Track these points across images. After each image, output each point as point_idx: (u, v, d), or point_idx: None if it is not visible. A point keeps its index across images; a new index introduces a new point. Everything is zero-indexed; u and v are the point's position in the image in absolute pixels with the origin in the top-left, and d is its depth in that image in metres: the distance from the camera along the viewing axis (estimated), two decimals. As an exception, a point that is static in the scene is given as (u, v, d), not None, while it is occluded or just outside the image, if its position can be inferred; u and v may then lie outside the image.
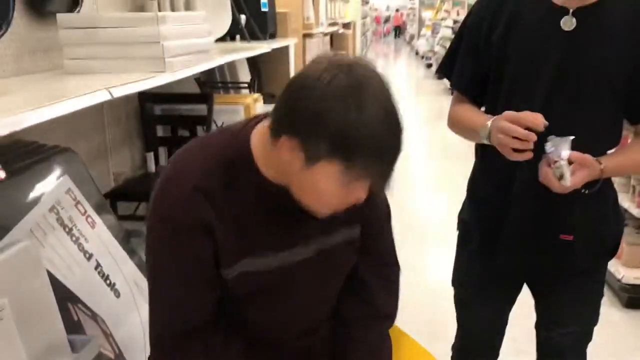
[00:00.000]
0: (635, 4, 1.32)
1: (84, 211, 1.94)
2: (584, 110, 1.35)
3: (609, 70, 1.32)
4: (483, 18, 1.44)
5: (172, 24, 1.96)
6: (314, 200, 1.02)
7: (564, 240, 1.42)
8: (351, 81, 0.92)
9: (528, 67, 1.37)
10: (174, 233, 1.06)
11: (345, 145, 0.91)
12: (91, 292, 1.81)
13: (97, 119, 2.60)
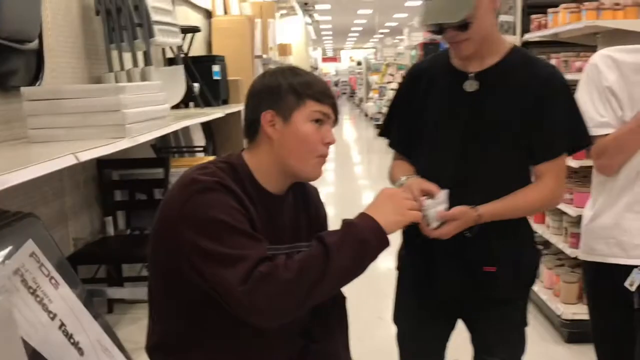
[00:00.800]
0: (528, 67, 1.58)
1: (48, 273, 2.01)
2: (494, 159, 1.58)
3: (509, 124, 1.56)
4: (409, 89, 1.69)
5: (130, 94, 2.11)
6: (301, 148, 1.32)
7: (487, 271, 1.60)
8: (279, 67, 1.40)
9: (442, 125, 1.61)
10: (216, 192, 1.23)
11: (305, 90, 1.31)
12: (55, 350, 1.86)
13: (56, 186, 2.68)
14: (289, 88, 1.32)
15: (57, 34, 2.70)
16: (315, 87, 1.33)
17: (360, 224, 1.25)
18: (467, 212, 1.51)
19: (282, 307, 1.17)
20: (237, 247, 1.18)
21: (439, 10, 1.47)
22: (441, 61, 1.64)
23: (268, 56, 6.80)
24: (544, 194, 1.59)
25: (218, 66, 4.38)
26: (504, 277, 1.62)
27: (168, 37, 3.21)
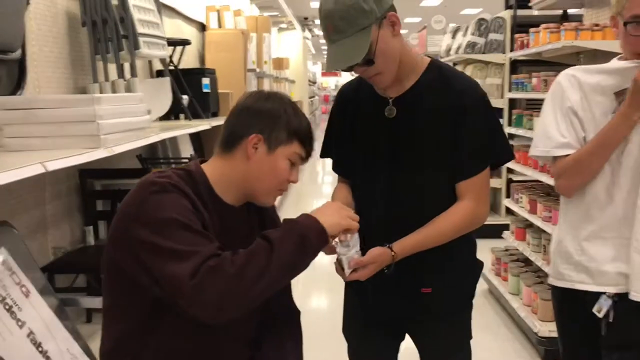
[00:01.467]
0: (444, 84, 1.57)
1: (19, 281, 2.02)
2: (418, 184, 1.58)
3: (427, 147, 1.57)
4: (340, 114, 1.70)
5: (107, 105, 2.14)
6: (271, 179, 1.39)
7: (424, 293, 1.62)
8: (283, 97, 1.43)
9: (369, 150, 1.62)
10: (171, 193, 1.26)
11: (298, 132, 1.38)
12: (23, 359, 1.87)
13: (37, 195, 2.70)
14: (286, 124, 1.38)
15: (42, 44, 2.73)
16: (306, 132, 1.41)
17: (302, 222, 1.31)
18: (382, 254, 1.50)
19: (229, 301, 1.19)
20: (188, 244, 1.21)
21: (338, 56, 1.46)
22: (366, 87, 1.62)
23: (262, 70, 6.84)
24: (462, 217, 1.56)
25: (208, 79, 4.41)
26: (440, 296, 1.63)
27: (154, 49, 3.25)
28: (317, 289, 4.32)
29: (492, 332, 3.45)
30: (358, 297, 1.72)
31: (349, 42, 1.44)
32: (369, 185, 1.63)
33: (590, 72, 1.68)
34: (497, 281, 3.79)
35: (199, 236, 1.24)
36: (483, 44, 5.21)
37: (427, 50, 7.98)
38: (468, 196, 1.56)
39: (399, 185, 1.59)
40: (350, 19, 1.43)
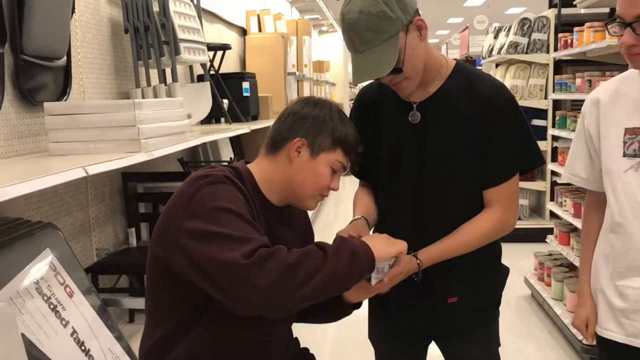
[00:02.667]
0: (470, 88, 1.50)
1: (63, 281, 2.08)
2: (442, 187, 1.53)
3: (453, 153, 1.51)
4: (359, 119, 1.63)
5: (147, 109, 2.18)
6: (312, 184, 1.40)
7: (451, 302, 1.58)
8: (332, 105, 1.44)
9: (393, 155, 1.57)
10: (223, 185, 1.28)
11: (342, 140, 1.40)
12: (66, 357, 1.92)
13: (81, 198, 2.78)
14: (331, 131, 1.39)
15: (86, 51, 2.82)
16: (350, 141, 1.42)
17: (354, 240, 1.32)
18: (409, 263, 1.46)
19: (280, 291, 1.17)
20: (242, 231, 1.22)
21: (367, 69, 1.41)
22: (388, 91, 1.56)
23: (302, 73, 6.88)
24: (490, 225, 1.52)
25: (248, 83, 4.47)
26: (467, 305, 1.60)
27: (195, 54, 3.30)
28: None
29: (534, 339, 3.37)
30: (384, 303, 1.67)
31: (376, 52, 1.39)
32: (392, 191, 1.59)
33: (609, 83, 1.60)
34: (539, 286, 3.69)
35: (252, 226, 1.25)
36: (526, 44, 5.10)
37: (469, 50, 7.87)
38: (497, 203, 1.52)
39: (423, 191, 1.54)
40: (376, 28, 1.37)
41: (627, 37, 1.38)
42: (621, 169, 1.50)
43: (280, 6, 8.37)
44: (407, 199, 1.56)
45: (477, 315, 1.63)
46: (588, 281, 1.65)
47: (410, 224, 1.54)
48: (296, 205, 1.46)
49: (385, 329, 1.73)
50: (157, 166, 3.27)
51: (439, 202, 1.53)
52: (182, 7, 3.25)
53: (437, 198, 1.53)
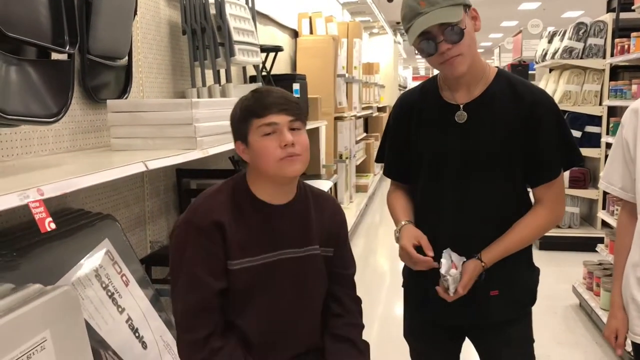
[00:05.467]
0: (513, 92, 1.58)
1: (120, 270, 2.19)
2: (489, 188, 1.59)
3: (498, 150, 1.57)
4: (400, 120, 1.72)
5: (204, 109, 2.27)
6: (268, 159, 1.45)
7: (492, 296, 1.63)
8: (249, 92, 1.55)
9: (437, 155, 1.62)
10: (194, 232, 1.47)
11: (247, 112, 1.49)
12: (121, 342, 2.02)
13: (137, 192, 2.90)
14: (238, 117, 1.52)
15: (146, 51, 2.94)
16: (255, 104, 1.48)
17: None
18: (476, 267, 1.57)
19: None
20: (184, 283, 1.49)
21: (431, 18, 1.46)
22: (431, 93, 1.66)
23: (351, 75, 6.92)
24: (543, 221, 1.63)
25: (298, 84, 4.54)
26: (507, 299, 1.65)
27: (249, 56, 3.39)
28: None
29: (582, 348, 3.31)
30: (421, 297, 1.73)
31: (442, 12, 1.46)
32: (436, 190, 1.64)
33: None
34: (588, 295, 3.63)
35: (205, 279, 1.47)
36: (581, 49, 5.00)
37: (522, 54, 7.76)
38: (547, 199, 1.62)
39: (467, 190, 1.60)
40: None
41: None
42: None
43: (332, 8, 8.43)
44: (451, 198, 1.61)
45: (516, 308, 1.68)
46: (620, 293, 1.65)
47: (454, 222, 1.59)
48: (283, 181, 1.50)
49: (423, 325, 1.79)
50: (209, 163, 3.37)
51: (481, 201, 1.60)
52: (237, 10, 3.34)
53: (480, 197, 1.60)
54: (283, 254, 1.52)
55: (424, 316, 1.76)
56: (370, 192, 8.24)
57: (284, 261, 1.52)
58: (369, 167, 8.96)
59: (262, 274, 1.50)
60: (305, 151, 1.48)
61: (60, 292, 1.46)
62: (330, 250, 1.61)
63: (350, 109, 7.00)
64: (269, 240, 1.50)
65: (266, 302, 1.51)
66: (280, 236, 1.52)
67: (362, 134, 8.94)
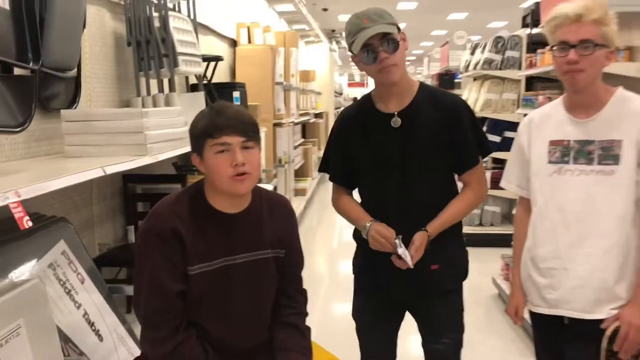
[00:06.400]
0: (435, 100, 1.93)
1: (75, 269, 2.34)
2: (426, 178, 1.92)
3: (430, 148, 1.91)
4: (342, 133, 2.02)
5: (153, 117, 2.46)
6: (220, 176, 1.60)
7: (433, 269, 1.93)
8: (210, 106, 1.68)
9: (380, 157, 1.93)
10: (155, 240, 1.61)
11: (202, 132, 1.61)
12: (79, 334, 2.18)
13: (86, 196, 3.03)
14: (195, 133, 1.65)
15: (93, 62, 3.08)
16: (209, 124, 1.60)
17: None
18: (423, 237, 1.88)
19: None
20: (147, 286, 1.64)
21: (374, 30, 1.77)
22: (367, 106, 1.97)
23: (289, 83, 7.16)
24: (472, 199, 1.99)
25: (238, 92, 4.73)
26: (445, 272, 1.96)
27: (191, 66, 3.58)
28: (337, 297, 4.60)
29: (499, 333, 3.67)
30: (370, 279, 2.03)
31: (381, 26, 1.78)
32: (381, 187, 1.94)
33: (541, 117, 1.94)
34: (505, 286, 4.01)
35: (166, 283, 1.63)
36: (500, 61, 5.44)
37: (448, 64, 8.22)
38: (473, 181, 1.99)
39: (407, 185, 1.91)
40: (383, 14, 1.81)
41: (573, 55, 1.70)
42: (547, 172, 1.84)
43: (270, 17, 8.66)
44: (395, 193, 1.91)
45: (452, 280, 2.01)
46: (519, 277, 1.98)
47: (400, 213, 1.90)
48: (233, 196, 1.67)
49: (370, 303, 2.08)
50: (154, 169, 3.53)
51: (419, 192, 1.92)
52: (180, 23, 3.52)
53: (418, 188, 1.91)
54: (237, 258, 1.69)
55: (375, 295, 2.05)
56: (309, 195, 8.51)
57: (238, 265, 1.69)
58: (308, 171, 9.23)
59: (218, 277, 1.66)
60: (256, 169, 1.63)
61: (31, 285, 1.62)
62: (282, 251, 1.78)
63: (289, 116, 7.24)
64: (224, 247, 1.67)
65: (222, 303, 1.69)
66: (235, 242, 1.68)
67: (300, 139, 9.19)
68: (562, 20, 1.72)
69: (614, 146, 1.74)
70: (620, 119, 1.75)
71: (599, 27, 1.68)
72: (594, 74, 1.72)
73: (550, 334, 1.93)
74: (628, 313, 1.73)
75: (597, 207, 1.75)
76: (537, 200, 1.88)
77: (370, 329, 2.10)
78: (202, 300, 1.66)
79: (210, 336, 1.68)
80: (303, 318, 1.86)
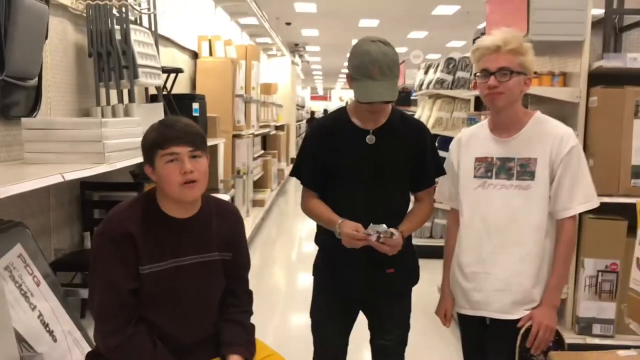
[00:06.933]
0: (405, 123, 2.11)
1: (31, 272, 2.42)
2: (390, 190, 2.11)
3: (398, 166, 2.09)
4: (317, 143, 2.16)
5: (112, 127, 2.56)
6: (170, 185, 1.73)
7: (389, 273, 2.11)
8: (156, 122, 1.81)
9: (352, 169, 2.10)
10: (108, 241, 1.74)
11: (151, 144, 1.75)
12: (34, 335, 2.26)
13: (43, 202, 3.10)
14: (146, 145, 1.78)
15: (54, 72, 3.16)
16: (159, 137, 1.74)
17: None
18: (400, 236, 2.06)
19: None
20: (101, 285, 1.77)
21: (384, 93, 1.93)
22: (343, 119, 2.13)
23: (250, 95, 7.30)
24: (427, 212, 2.20)
25: (198, 103, 4.84)
26: (400, 276, 2.15)
27: (151, 78, 3.68)
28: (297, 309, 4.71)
29: (440, 335, 3.86)
30: (329, 279, 2.20)
31: (389, 84, 1.94)
32: (350, 196, 2.10)
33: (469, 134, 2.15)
34: (450, 295, 4.21)
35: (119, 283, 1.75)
36: (451, 81, 5.70)
37: (405, 82, 8.49)
38: (427, 198, 2.20)
39: (375, 195, 2.09)
40: (394, 68, 1.94)
41: (492, 80, 1.92)
42: (473, 186, 2.03)
43: (232, 30, 8.79)
44: (363, 201, 2.08)
45: (406, 284, 2.20)
46: (448, 283, 2.17)
47: (366, 217, 2.04)
48: (183, 202, 1.80)
49: (328, 302, 2.24)
50: (111, 177, 3.61)
51: (386, 201, 2.09)
52: (141, 36, 3.63)
53: (385, 198, 2.09)
54: (187, 260, 1.83)
55: (333, 295, 2.20)
56: (267, 206, 8.62)
57: (187, 266, 1.83)
58: (267, 182, 9.34)
59: (169, 277, 1.80)
60: (203, 176, 1.77)
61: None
62: (229, 254, 1.93)
63: (249, 127, 7.36)
64: (174, 249, 1.81)
65: (172, 300, 1.82)
66: (184, 245, 1.83)
67: (260, 151, 9.31)
68: (483, 51, 1.93)
69: (530, 163, 1.95)
70: (536, 139, 1.96)
71: (515, 56, 1.89)
72: (513, 97, 1.93)
73: (475, 334, 2.11)
74: (539, 314, 1.93)
75: (515, 218, 1.95)
76: (464, 211, 2.07)
77: (325, 325, 2.26)
78: (153, 297, 1.78)
79: (160, 330, 1.80)
80: (248, 316, 2.00)
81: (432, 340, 3.82)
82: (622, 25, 3.49)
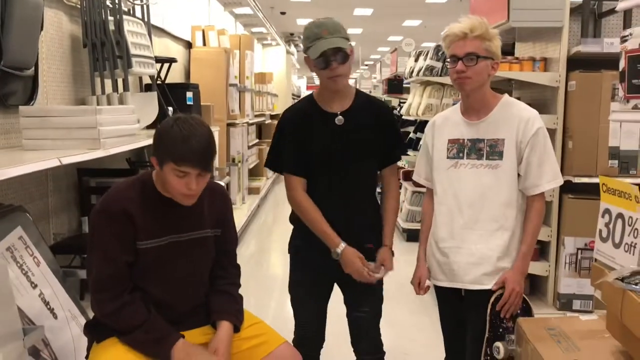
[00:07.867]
0: (370, 104, 2.27)
1: (32, 253, 2.54)
2: (361, 167, 2.24)
3: (367, 145, 2.23)
4: (290, 124, 2.28)
5: (106, 115, 2.67)
6: (170, 189, 1.85)
7: (369, 247, 2.24)
8: (182, 123, 1.80)
9: (325, 151, 2.22)
10: (107, 218, 1.85)
11: (168, 153, 1.78)
12: (35, 312, 2.38)
13: (42, 188, 3.21)
14: (162, 147, 1.80)
15: (50, 62, 3.27)
16: (178, 152, 1.76)
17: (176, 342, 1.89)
18: (387, 252, 2.25)
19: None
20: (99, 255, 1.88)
21: (332, 43, 2.07)
22: (311, 105, 2.26)
23: (244, 84, 7.39)
24: (397, 195, 2.40)
25: (191, 93, 4.94)
26: (377, 251, 2.27)
27: (144, 67, 3.79)
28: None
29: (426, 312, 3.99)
30: (306, 257, 2.32)
31: (338, 39, 2.09)
32: (326, 175, 2.23)
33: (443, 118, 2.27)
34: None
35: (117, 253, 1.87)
36: (440, 68, 5.80)
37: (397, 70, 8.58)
38: (393, 178, 2.36)
39: (349, 172, 2.22)
40: (340, 29, 2.12)
41: (460, 65, 2.03)
42: (445, 166, 2.15)
43: (226, 20, 8.86)
44: (338, 179, 2.22)
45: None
46: (423, 253, 2.28)
47: (340, 198, 2.21)
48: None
49: (305, 278, 2.37)
50: (108, 164, 3.72)
51: (357, 179, 2.25)
52: (134, 27, 3.73)
53: (356, 177, 2.24)
54: (181, 236, 1.96)
55: (309, 272, 2.33)
56: (263, 194, 8.74)
57: (181, 242, 1.96)
58: (262, 170, 9.46)
59: (164, 251, 1.93)
60: (202, 189, 1.87)
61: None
62: (218, 230, 2.08)
63: (243, 116, 7.46)
64: (169, 226, 1.94)
65: (167, 272, 1.95)
66: (179, 223, 1.96)
67: (255, 139, 9.42)
68: (452, 38, 2.04)
69: (499, 144, 2.07)
70: (504, 121, 2.08)
71: (482, 42, 2.00)
72: (480, 81, 2.04)
73: (451, 304, 2.24)
74: (511, 280, 2.05)
75: (485, 195, 2.07)
76: (438, 190, 2.19)
77: (303, 300, 2.39)
78: (149, 269, 1.91)
79: (154, 299, 1.93)
80: (236, 288, 2.13)
81: (419, 318, 3.94)
82: (601, 12, 3.60)
